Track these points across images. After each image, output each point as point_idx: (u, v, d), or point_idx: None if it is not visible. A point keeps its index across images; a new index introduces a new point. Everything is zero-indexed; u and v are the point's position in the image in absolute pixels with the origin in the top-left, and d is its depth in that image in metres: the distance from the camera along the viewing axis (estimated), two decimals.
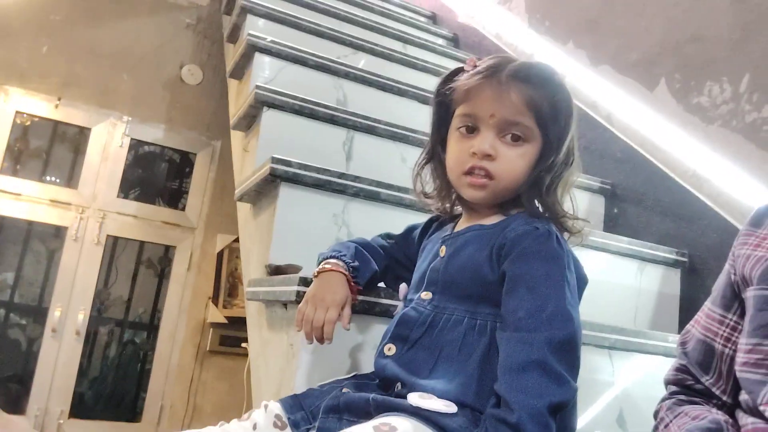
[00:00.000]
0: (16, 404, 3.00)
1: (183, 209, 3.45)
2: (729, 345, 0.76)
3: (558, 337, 0.72)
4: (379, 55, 2.27)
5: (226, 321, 3.25)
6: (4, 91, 3.12)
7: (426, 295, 0.84)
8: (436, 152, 0.91)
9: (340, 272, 0.88)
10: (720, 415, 0.74)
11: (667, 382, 0.86)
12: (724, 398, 0.77)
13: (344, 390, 0.79)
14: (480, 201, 0.85)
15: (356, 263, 0.91)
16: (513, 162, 0.81)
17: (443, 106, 0.88)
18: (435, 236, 0.92)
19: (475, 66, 0.83)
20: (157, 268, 3.42)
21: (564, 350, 0.72)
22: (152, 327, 3.34)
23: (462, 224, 0.90)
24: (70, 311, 3.09)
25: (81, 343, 3.10)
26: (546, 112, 0.81)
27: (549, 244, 0.78)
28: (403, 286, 0.91)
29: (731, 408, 0.76)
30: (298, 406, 0.80)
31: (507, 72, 0.81)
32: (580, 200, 1.97)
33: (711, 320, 0.80)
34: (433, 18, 3.39)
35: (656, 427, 0.80)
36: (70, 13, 3.23)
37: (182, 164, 3.53)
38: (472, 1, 3.05)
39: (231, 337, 3.23)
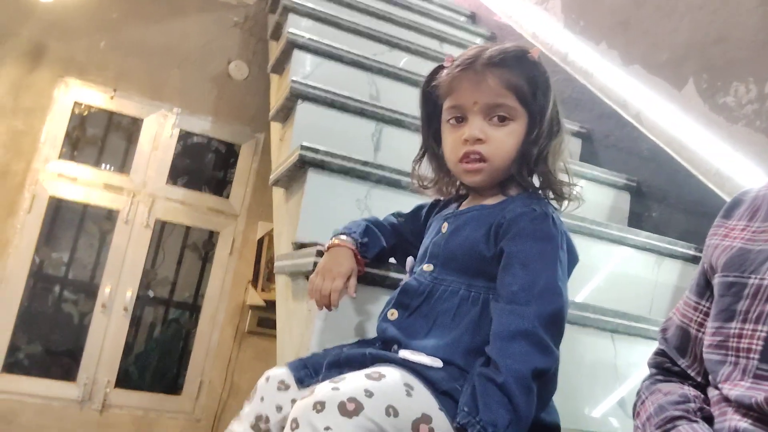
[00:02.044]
0: (68, 373, 3.20)
1: (227, 197, 3.59)
2: (702, 330, 0.81)
3: (547, 311, 0.80)
4: (414, 53, 2.35)
5: (264, 304, 3.36)
6: (64, 82, 3.32)
7: (428, 268, 0.92)
8: (429, 146, 0.99)
9: (347, 247, 0.97)
10: (690, 391, 0.80)
11: (649, 365, 0.92)
12: (699, 379, 0.81)
13: (345, 348, 0.89)
14: (479, 184, 0.93)
15: (365, 239, 0.99)
16: (503, 141, 0.88)
17: (431, 103, 0.96)
18: (440, 214, 1.00)
19: (454, 61, 0.91)
20: (201, 251, 3.57)
21: (551, 322, 0.80)
22: (195, 307, 3.48)
23: (466, 204, 0.98)
24: (119, 289, 3.26)
25: (128, 319, 3.27)
26: (525, 89, 0.88)
27: (544, 224, 0.85)
28: (409, 260, 0.99)
29: (704, 388, 0.80)
30: (302, 366, 0.88)
31: (481, 61, 0.88)
32: (605, 196, 2.04)
33: (687, 307, 0.86)
34: (473, 17, 3.44)
35: (635, 404, 0.86)
36: (125, 12, 3.40)
37: (227, 155, 3.68)
38: (510, 1, 3.10)
39: (268, 320, 3.32)
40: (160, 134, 3.46)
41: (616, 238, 1.61)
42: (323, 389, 0.74)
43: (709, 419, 0.74)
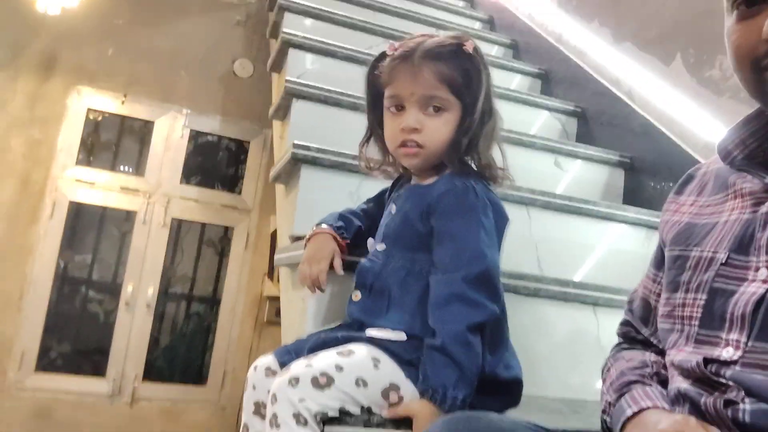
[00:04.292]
0: (97, 369, 3.34)
1: (239, 193, 3.68)
2: (659, 300, 0.86)
3: (474, 273, 0.87)
4: None
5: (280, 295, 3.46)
6: (77, 90, 3.43)
7: (380, 247, 1.00)
8: (374, 129, 1.06)
9: (326, 232, 1.05)
10: (650, 357, 0.86)
11: (617, 335, 0.98)
12: (661, 346, 0.86)
13: (322, 334, 0.97)
14: (416, 167, 1.00)
15: (340, 223, 1.07)
16: (438, 130, 0.95)
17: (374, 89, 1.02)
18: (392, 196, 1.08)
19: (395, 51, 0.97)
20: (217, 247, 3.68)
21: (480, 282, 0.87)
22: (214, 301, 3.60)
23: (409, 185, 1.05)
24: (141, 287, 3.39)
25: (151, 315, 3.39)
26: (458, 82, 0.94)
27: (465, 198, 0.93)
28: (370, 241, 1.07)
29: (665, 354, 0.87)
30: (286, 352, 0.97)
31: (419, 54, 0.94)
32: (599, 174, 2.09)
33: (648, 280, 0.91)
34: (471, 2, 3.46)
35: (602, 371, 0.92)
36: (131, 18, 3.50)
37: (237, 152, 3.76)
38: None
39: None
40: (171, 135, 3.56)
41: (605, 215, 1.66)
42: (297, 366, 0.83)
43: (665, 383, 0.80)
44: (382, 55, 1.00)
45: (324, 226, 1.07)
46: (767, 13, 0.67)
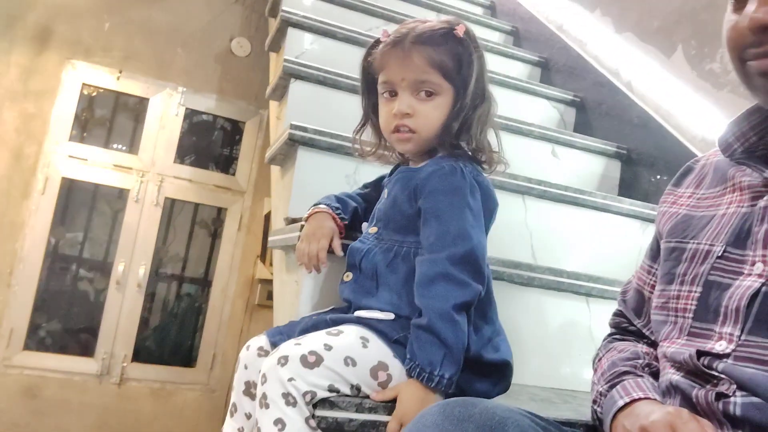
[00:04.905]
0: (86, 348, 3.33)
1: (233, 174, 3.67)
2: (653, 292, 0.86)
3: (459, 253, 0.87)
4: None
5: (272, 278, 3.46)
6: (71, 64, 3.39)
7: (372, 230, 1.01)
8: (369, 116, 1.06)
9: (325, 211, 1.05)
10: (642, 348, 0.86)
11: (609, 326, 0.98)
12: (652, 338, 0.87)
13: (314, 316, 0.97)
14: (410, 152, 1.01)
15: (338, 204, 1.08)
16: (429, 114, 0.96)
17: (368, 75, 1.03)
18: (386, 181, 1.08)
19: (387, 37, 0.97)
20: (210, 228, 3.66)
21: (464, 262, 0.87)
22: (206, 282, 3.59)
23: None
24: (132, 266, 3.37)
25: (142, 295, 3.38)
26: (449, 66, 0.95)
27: (452, 178, 0.93)
28: (364, 225, 1.07)
29: (657, 346, 0.87)
30: (278, 333, 0.97)
31: (409, 39, 0.95)
32: (596, 164, 2.08)
33: (643, 271, 0.91)
34: None
35: (593, 361, 0.92)
36: None
37: (233, 132, 3.74)
38: None
39: None
40: (166, 113, 3.52)
41: (600, 205, 1.65)
42: (287, 346, 0.83)
43: (656, 375, 0.80)
44: (376, 42, 1.01)
45: (322, 206, 1.07)
46: (754, 3, 0.67)
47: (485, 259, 0.91)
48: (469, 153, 0.99)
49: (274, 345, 0.94)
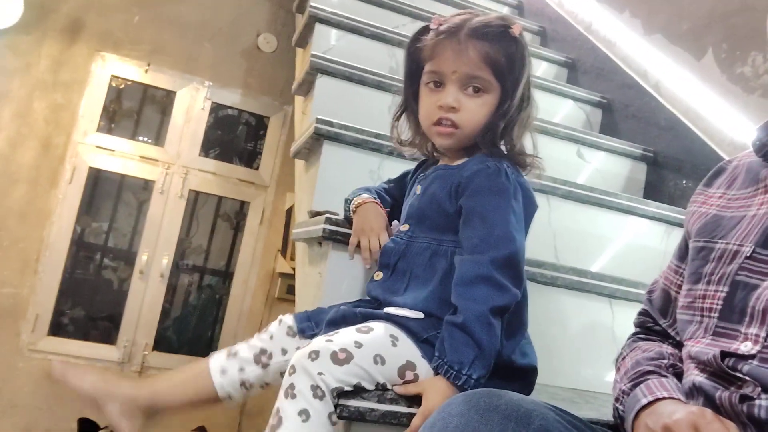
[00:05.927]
0: (108, 336, 3.37)
1: (257, 168, 3.68)
2: (680, 291, 0.85)
3: (502, 256, 0.86)
4: None
5: (292, 272, 3.43)
6: (101, 57, 3.44)
7: (404, 228, 1.00)
8: (409, 104, 1.04)
9: (373, 201, 1.05)
10: (667, 349, 0.85)
11: (634, 325, 0.98)
12: (678, 338, 0.86)
13: (342, 307, 0.97)
14: (448, 147, 0.99)
15: (375, 196, 1.07)
16: (475, 111, 0.94)
17: (414, 62, 1.00)
18: (417, 177, 1.07)
19: (440, 26, 0.95)
20: (233, 221, 3.69)
21: (507, 266, 0.86)
22: (227, 274, 3.61)
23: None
24: (155, 256, 3.41)
25: (164, 285, 3.41)
26: (502, 64, 0.93)
27: (497, 179, 0.92)
28: (394, 223, 1.07)
29: (682, 346, 0.86)
30: (306, 318, 0.97)
31: (465, 31, 0.92)
32: (621, 167, 2.07)
33: (670, 271, 0.91)
34: None
35: (616, 360, 0.91)
36: None
37: (257, 127, 3.76)
38: None
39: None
40: (192, 107, 3.55)
41: (625, 207, 1.64)
42: (318, 341, 0.83)
43: (680, 376, 0.80)
44: (425, 29, 0.98)
45: (365, 196, 1.06)
46: None
47: (524, 264, 0.90)
48: (506, 154, 0.98)
49: (301, 331, 0.95)
